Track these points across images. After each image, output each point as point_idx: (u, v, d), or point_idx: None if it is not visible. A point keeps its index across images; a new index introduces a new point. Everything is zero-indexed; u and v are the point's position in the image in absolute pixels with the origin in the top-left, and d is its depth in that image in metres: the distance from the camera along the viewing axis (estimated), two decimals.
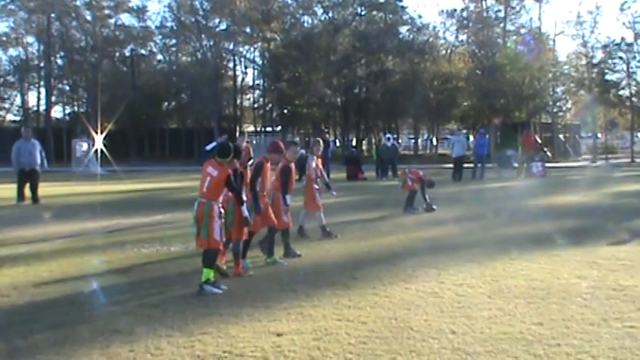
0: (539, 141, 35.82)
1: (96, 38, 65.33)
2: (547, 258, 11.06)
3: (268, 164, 11.29)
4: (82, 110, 68.01)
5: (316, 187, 13.80)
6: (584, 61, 61.16)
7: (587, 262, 10.71)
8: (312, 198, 13.74)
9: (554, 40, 66.91)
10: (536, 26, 66.47)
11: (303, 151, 15.78)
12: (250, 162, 12.07)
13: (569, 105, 69.15)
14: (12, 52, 70.51)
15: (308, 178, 13.97)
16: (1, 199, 22.52)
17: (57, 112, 73.05)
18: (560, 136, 62.52)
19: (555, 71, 63.38)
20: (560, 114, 67.94)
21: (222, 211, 9.40)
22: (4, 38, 68.23)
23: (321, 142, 14.14)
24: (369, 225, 15.82)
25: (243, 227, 10.08)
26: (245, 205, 9.90)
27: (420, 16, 67.07)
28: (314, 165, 13.97)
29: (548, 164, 35.77)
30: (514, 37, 65.53)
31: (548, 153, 39.24)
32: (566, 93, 66.66)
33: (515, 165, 34.53)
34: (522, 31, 65.82)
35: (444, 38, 70.42)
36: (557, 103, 66.65)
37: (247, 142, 17.78)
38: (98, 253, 12.20)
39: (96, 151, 42.79)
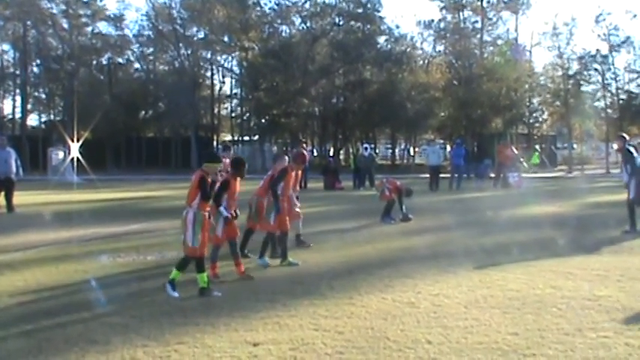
0: (516, 151, 36.03)
1: (72, 46, 65.03)
2: (523, 268, 11.13)
3: (293, 172, 12.43)
4: (58, 118, 67.65)
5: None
6: (560, 72, 61.76)
7: (562, 272, 10.78)
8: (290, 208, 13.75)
9: (530, 52, 67.56)
10: (513, 37, 67.16)
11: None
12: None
13: (545, 116, 69.73)
14: None
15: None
16: None
17: (33, 120, 72.78)
18: (537, 146, 63.02)
19: (532, 82, 63.97)
20: (537, 125, 68.50)
21: (200, 217, 9.50)
22: None
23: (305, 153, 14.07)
24: (346, 235, 15.84)
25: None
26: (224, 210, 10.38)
27: (397, 27, 67.64)
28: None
29: (524, 175, 35.99)
30: (490, 48, 65.99)
31: (525, 164, 39.43)
32: (542, 104, 67.26)
33: (492, 175, 34.74)
34: (499, 42, 66.36)
35: (422, 49, 70.85)
36: (534, 114, 67.22)
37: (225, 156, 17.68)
38: (74, 263, 12.12)
39: (72, 159, 42.52)
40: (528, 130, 66.17)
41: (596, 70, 60.67)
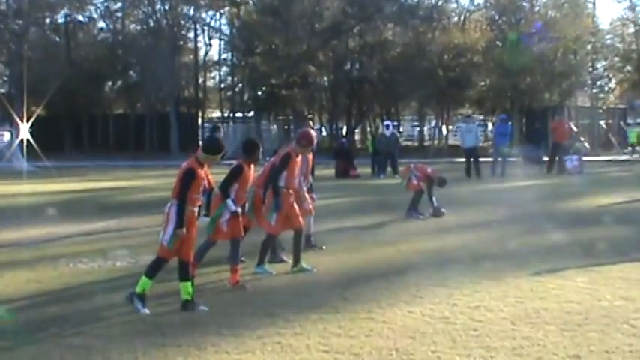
0: (575, 129, 35.94)
1: (21, 1, 65.07)
2: (585, 275, 11.10)
3: (298, 158, 12.06)
4: (2, 91, 67.78)
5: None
6: (631, 30, 61.47)
7: (636, 279, 10.75)
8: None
9: (594, 4, 67.20)
10: None
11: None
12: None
13: (612, 84, 69.44)
14: None
15: None
16: None
17: None
18: (602, 122, 62.77)
19: (595, 42, 63.63)
20: (602, 95, 68.19)
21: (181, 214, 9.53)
22: None
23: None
24: (364, 234, 15.85)
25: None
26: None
27: None
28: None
29: (585, 158, 35.93)
30: (543, 0, 65.62)
31: (586, 144, 39.37)
32: (608, 69, 66.93)
33: (545, 159, 34.69)
34: None
35: (456, 1, 70.61)
36: (598, 82, 66.91)
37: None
38: (24, 270, 12.15)
39: (21, 141, 42.66)
40: (591, 103, 65.95)
41: None
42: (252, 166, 10.99)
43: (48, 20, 69.79)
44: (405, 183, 18.79)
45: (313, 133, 12.77)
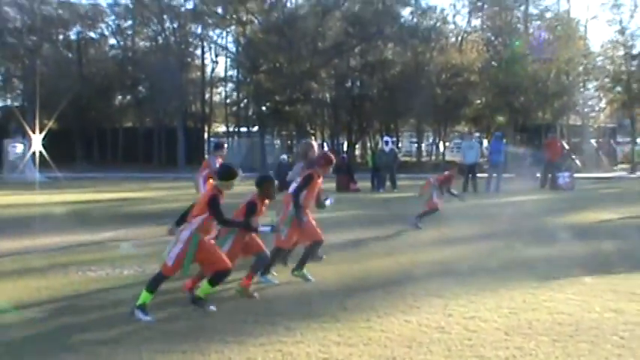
0: (567, 147, 35.97)
1: (34, 17, 65.20)
2: (575, 287, 11.09)
3: (320, 179, 12.30)
4: (16, 104, 67.93)
5: None
6: (621, 52, 61.44)
7: (624, 292, 10.74)
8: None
9: (585, 27, 67.29)
10: (564, 10, 66.85)
11: (284, 156, 15.52)
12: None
13: (602, 104, 69.48)
14: None
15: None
16: None
17: None
18: (592, 141, 62.81)
19: (587, 64, 63.70)
20: (593, 115, 68.23)
21: (195, 240, 9.60)
22: None
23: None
24: (363, 245, 15.85)
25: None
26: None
27: None
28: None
29: (576, 174, 35.94)
30: (537, 23, 65.77)
31: (577, 161, 39.41)
32: (599, 90, 66.96)
33: (538, 175, 34.69)
34: (547, 15, 66.10)
35: (454, 23, 70.82)
36: (589, 102, 66.94)
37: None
38: (36, 278, 12.14)
39: (33, 153, 42.69)
40: (582, 121, 65.96)
41: None
42: (266, 201, 10.87)
43: (61, 37, 70.01)
44: (426, 198, 18.75)
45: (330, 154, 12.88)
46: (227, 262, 9.77)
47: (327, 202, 13.13)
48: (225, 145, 18.65)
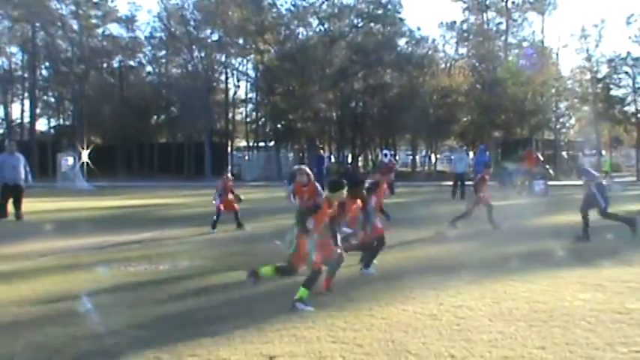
0: (541, 158, 35.87)
1: (83, 48, 65.50)
2: (549, 279, 11.06)
3: (385, 185, 12.63)
4: (67, 123, 68.19)
5: None
6: (588, 76, 61.43)
7: (591, 284, 10.70)
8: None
9: (557, 54, 67.32)
10: (538, 39, 66.93)
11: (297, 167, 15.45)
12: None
13: (572, 121, 69.43)
14: None
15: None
16: None
17: (42, 124, 73.27)
18: (563, 153, 62.68)
19: (558, 86, 63.64)
20: (563, 130, 68.15)
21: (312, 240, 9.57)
22: None
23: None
24: None
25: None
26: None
27: (418, 29, 67.33)
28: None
29: (550, 182, 35.80)
30: (515, 51, 65.83)
31: (551, 171, 39.26)
32: (569, 109, 66.95)
33: (518, 183, 34.60)
34: (525, 44, 66.18)
35: (444, 51, 70.87)
36: (560, 119, 66.87)
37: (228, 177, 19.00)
38: (83, 272, 12.17)
39: (82, 165, 42.81)
40: (555, 136, 65.85)
41: (626, 73, 60.11)
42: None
43: (105, 65, 70.23)
44: (481, 195, 18.50)
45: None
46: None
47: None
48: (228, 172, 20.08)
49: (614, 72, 60.47)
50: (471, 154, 60.41)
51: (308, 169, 14.24)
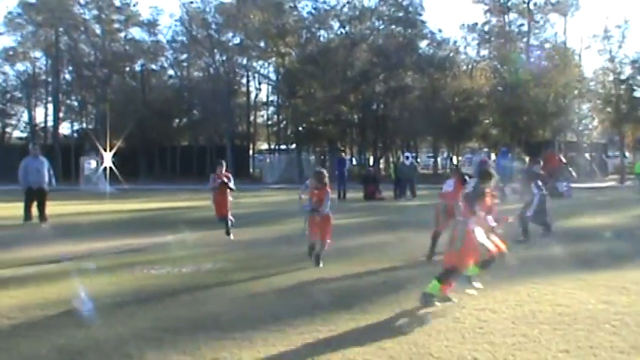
0: (564, 160, 35.68)
1: (105, 53, 65.86)
2: (573, 282, 11.00)
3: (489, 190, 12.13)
4: (90, 127, 68.46)
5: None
6: (611, 77, 60.98)
7: (616, 286, 10.63)
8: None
9: (579, 56, 66.81)
10: (561, 41, 66.42)
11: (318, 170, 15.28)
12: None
13: (595, 123, 68.97)
14: (19, 66, 71.19)
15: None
16: (8, 217, 22.64)
17: (65, 128, 73.60)
18: (586, 155, 62.30)
19: (581, 88, 63.22)
20: (586, 132, 67.75)
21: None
22: (11, 53, 68.85)
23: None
24: (388, 247, 15.76)
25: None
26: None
27: (440, 31, 67.43)
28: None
29: (573, 184, 35.61)
30: (542, 51, 65.45)
31: (574, 173, 39.03)
32: (592, 110, 66.53)
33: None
34: (547, 45, 65.74)
35: (465, 53, 70.47)
36: (583, 121, 66.48)
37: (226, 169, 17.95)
38: (107, 275, 12.23)
39: (105, 168, 42.99)
40: (577, 138, 65.48)
41: None
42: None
43: (127, 69, 70.46)
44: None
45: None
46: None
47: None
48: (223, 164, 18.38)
49: (637, 73, 60.02)
50: (493, 155, 60.23)
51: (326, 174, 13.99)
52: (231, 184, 17.45)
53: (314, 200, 12.93)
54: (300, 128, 64.15)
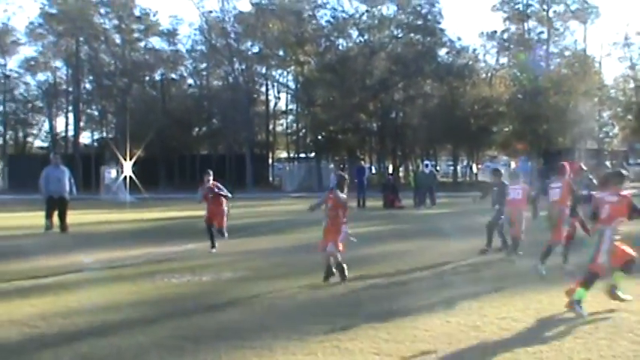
0: (584, 168, 35.47)
1: (125, 62, 66.23)
2: (594, 290, 10.89)
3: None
4: (110, 136, 68.82)
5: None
6: (632, 85, 60.75)
7: (637, 294, 10.55)
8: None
9: (600, 63, 66.53)
10: (581, 48, 66.17)
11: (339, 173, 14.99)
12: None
13: (615, 130, 68.61)
14: (40, 76, 71.83)
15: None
16: (29, 227, 22.80)
17: (85, 137, 74.08)
18: (607, 163, 61.95)
19: (601, 95, 62.95)
20: (607, 140, 67.39)
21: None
22: (33, 62, 69.50)
23: None
24: (408, 255, 15.73)
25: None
26: None
27: (459, 39, 67.12)
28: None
29: (593, 192, 35.37)
30: (561, 59, 65.22)
31: (595, 181, 38.77)
32: (612, 118, 66.17)
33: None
34: (566, 53, 65.50)
35: (484, 61, 70.33)
36: (604, 129, 66.14)
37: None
38: (127, 283, 12.28)
39: (125, 177, 43.18)
40: (598, 146, 65.16)
41: None
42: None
43: (147, 78, 70.83)
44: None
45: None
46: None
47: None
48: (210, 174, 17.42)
49: None
50: (513, 163, 60.00)
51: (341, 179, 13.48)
52: (224, 192, 16.89)
53: (329, 204, 12.35)
54: (320, 137, 64.16)
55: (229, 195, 17.16)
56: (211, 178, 17.04)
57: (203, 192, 16.89)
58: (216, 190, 16.77)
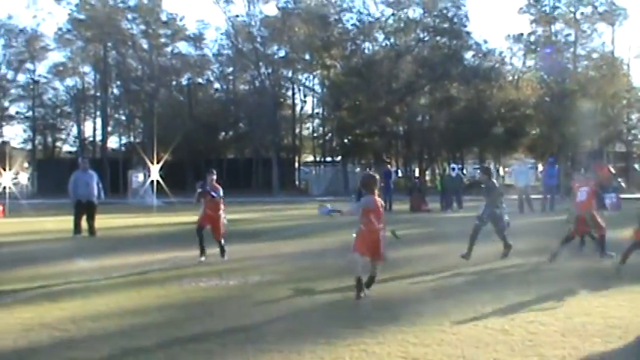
0: (613, 171, 35.23)
1: (152, 67, 66.72)
2: (624, 294, 10.84)
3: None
4: (138, 140, 69.35)
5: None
6: None
7: None
8: None
9: (628, 65, 66.08)
10: (609, 50, 65.73)
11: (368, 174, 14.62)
12: None
13: None
14: (69, 81, 72.57)
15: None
16: (58, 231, 22.97)
17: (113, 142, 74.81)
18: (636, 165, 61.46)
19: (630, 97, 62.52)
20: (636, 142, 66.88)
21: None
22: (61, 68, 70.21)
23: None
24: (434, 259, 15.68)
25: None
26: None
27: (485, 42, 66.74)
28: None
29: (622, 195, 35.09)
30: (589, 61, 64.83)
31: (623, 184, 38.48)
32: None
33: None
34: (594, 55, 65.09)
35: (511, 64, 70.18)
36: (632, 131, 65.65)
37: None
38: (155, 287, 12.33)
39: (152, 182, 43.41)
40: (626, 148, 64.66)
41: None
42: None
43: (174, 83, 71.29)
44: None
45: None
46: None
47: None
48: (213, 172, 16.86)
49: None
50: (540, 167, 59.71)
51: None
52: (214, 193, 15.96)
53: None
54: (346, 140, 64.29)
55: (221, 196, 16.29)
56: (214, 177, 16.52)
57: (202, 192, 16.25)
58: (214, 192, 16.03)
